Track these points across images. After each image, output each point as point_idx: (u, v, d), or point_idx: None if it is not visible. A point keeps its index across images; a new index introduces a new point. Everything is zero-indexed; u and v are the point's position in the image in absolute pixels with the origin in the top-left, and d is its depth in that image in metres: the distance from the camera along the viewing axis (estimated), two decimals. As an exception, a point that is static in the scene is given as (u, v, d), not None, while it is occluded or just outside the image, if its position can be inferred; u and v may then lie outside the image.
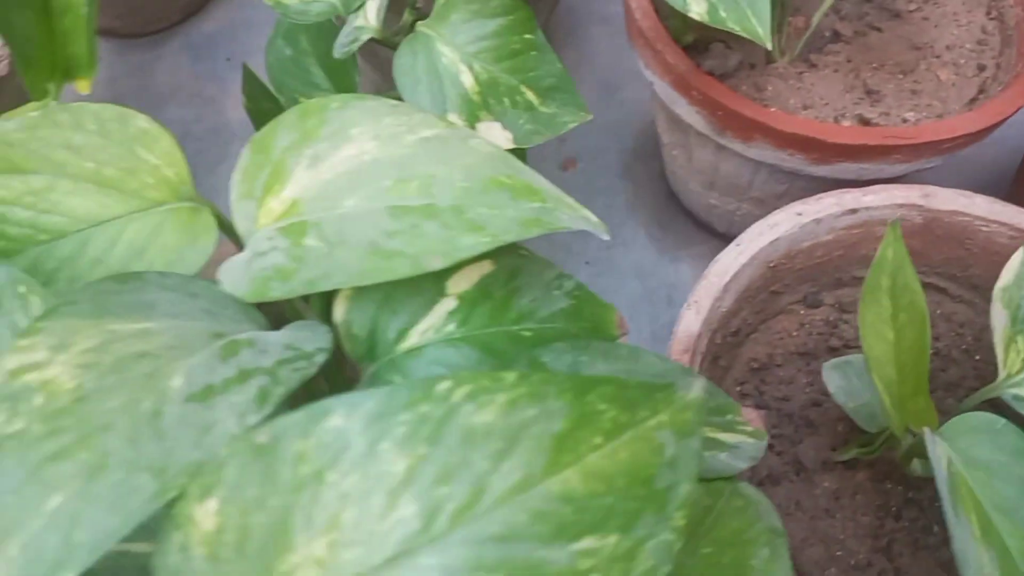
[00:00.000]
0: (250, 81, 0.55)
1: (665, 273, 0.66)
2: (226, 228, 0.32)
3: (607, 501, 0.19)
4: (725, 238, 0.66)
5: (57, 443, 0.21)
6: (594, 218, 0.28)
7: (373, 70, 0.69)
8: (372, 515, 0.19)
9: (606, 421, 0.20)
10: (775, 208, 0.57)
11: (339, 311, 0.29)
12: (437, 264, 0.26)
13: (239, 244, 0.35)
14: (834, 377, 0.41)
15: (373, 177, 0.28)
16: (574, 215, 0.27)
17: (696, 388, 0.21)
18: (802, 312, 0.48)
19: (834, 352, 0.47)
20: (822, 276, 0.47)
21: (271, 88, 0.56)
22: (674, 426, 0.20)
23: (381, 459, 0.19)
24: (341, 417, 0.20)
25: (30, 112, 0.29)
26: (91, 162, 0.30)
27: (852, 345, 0.47)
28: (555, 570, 0.19)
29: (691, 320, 0.40)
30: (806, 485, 0.44)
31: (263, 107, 0.56)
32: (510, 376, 0.20)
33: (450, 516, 0.19)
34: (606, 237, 0.28)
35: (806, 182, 0.52)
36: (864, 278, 0.48)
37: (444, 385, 0.20)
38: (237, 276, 0.28)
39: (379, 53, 0.68)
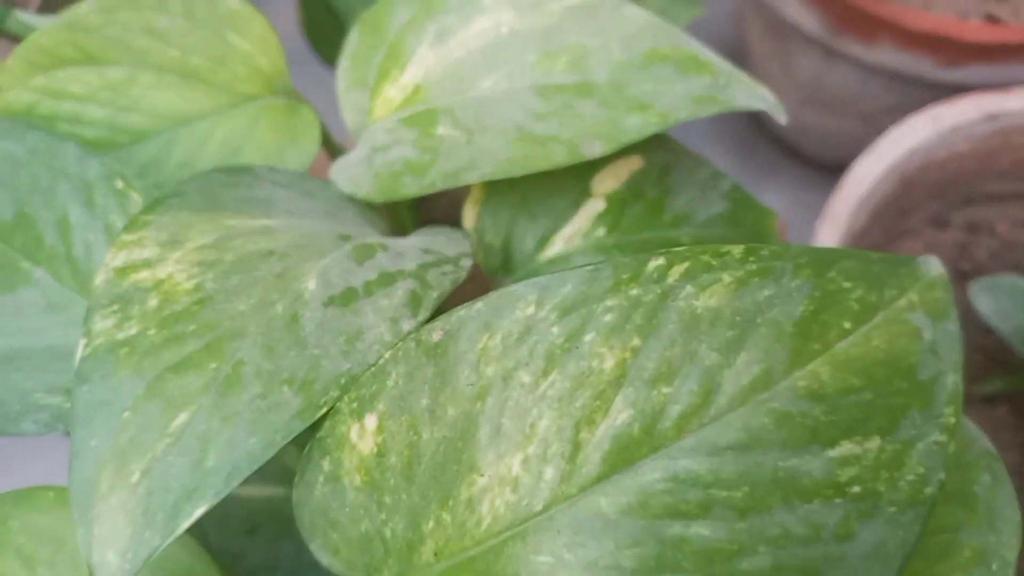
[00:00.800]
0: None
1: (749, 204, 0.62)
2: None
3: (865, 397, 0.16)
4: (814, 164, 0.61)
5: (179, 351, 0.18)
6: (770, 96, 0.24)
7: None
8: (578, 421, 0.16)
9: (853, 301, 0.16)
10: (879, 126, 0.52)
11: (469, 217, 0.25)
12: (598, 150, 0.22)
13: (331, 150, 0.31)
14: (983, 299, 0.37)
15: (513, 52, 0.24)
16: (749, 92, 0.23)
17: (936, 265, 0.17)
18: (928, 233, 0.44)
19: (964, 276, 0.43)
20: (951, 193, 0.43)
21: None
22: (926, 307, 0.16)
23: (585, 354, 0.16)
24: (532, 305, 0.16)
25: (106, -10, 0.25)
26: (176, 49, 0.26)
27: (984, 269, 0.43)
28: (810, 483, 0.15)
29: (826, 238, 0.36)
30: (941, 420, 0.40)
31: (321, 21, 0.52)
32: (736, 250, 0.16)
33: (675, 421, 0.15)
34: (783, 120, 0.24)
35: (923, 92, 0.47)
36: (998, 195, 0.44)
37: (656, 263, 0.16)
38: (357, 174, 0.24)
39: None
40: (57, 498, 0.20)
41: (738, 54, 0.67)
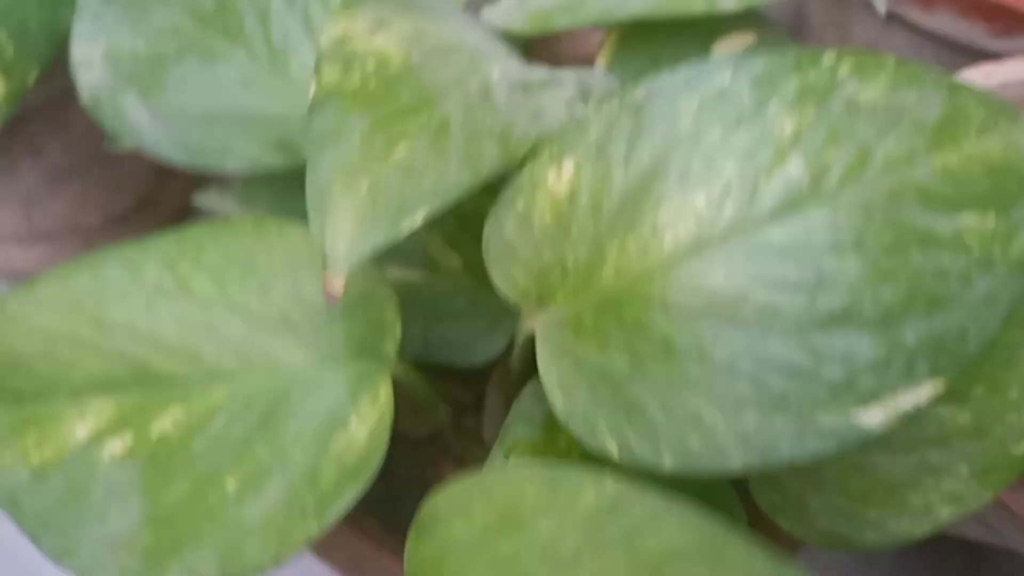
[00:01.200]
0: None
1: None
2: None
3: (985, 184, 0.20)
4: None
5: (396, 102, 0.22)
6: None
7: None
8: (758, 170, 0.19)
9: (977, 118, 0.20)
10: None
11: (603, 65, 0.29)
12: (731, 5, 0.27)
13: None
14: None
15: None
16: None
17: None
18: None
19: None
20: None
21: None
22: None
23: (769, 118, 0.20)
24: (728, 76, 0.20)
25: None
26: None
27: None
28: (941, 237, 0.19)
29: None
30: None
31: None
32: (890, 59, 0.20)
33: (838, 179, 0.19)
34: (882, 11, 0.28)
35: (972, 61, 0.52)
36: None
37: (829, 57, 0.20)
38: (510, 14, 0.28)
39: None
40: (256, 228, 0.23)
41: (794, 25, 0.71)
